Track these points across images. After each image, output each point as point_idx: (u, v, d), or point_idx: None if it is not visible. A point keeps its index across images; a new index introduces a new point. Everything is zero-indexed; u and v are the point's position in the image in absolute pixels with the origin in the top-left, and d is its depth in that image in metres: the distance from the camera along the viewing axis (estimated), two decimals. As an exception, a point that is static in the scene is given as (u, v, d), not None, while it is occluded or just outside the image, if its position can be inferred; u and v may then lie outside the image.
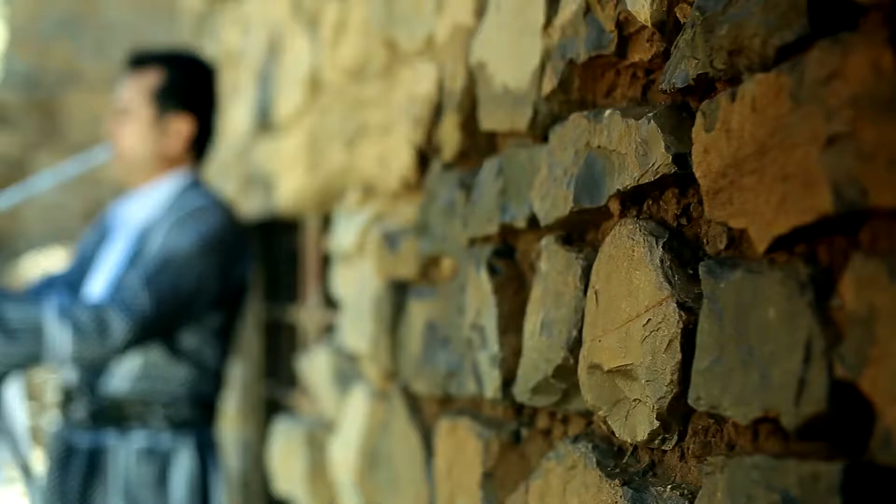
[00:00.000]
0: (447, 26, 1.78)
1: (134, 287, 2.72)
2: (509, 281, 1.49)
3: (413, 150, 1.94)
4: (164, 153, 2.94)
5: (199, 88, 3.05)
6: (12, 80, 11.79)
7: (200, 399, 2.96)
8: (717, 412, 0.98)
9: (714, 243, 1.05)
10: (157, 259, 2.77)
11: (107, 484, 2.87)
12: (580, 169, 1.25)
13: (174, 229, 2.85)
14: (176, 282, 2.76)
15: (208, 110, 3.06)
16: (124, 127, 2.95)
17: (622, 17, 1.20)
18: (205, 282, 2.84)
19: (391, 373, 2.02)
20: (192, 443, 2.93)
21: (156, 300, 2.72)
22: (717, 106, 0.99)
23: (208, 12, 4.68)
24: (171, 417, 2.90)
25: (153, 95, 2.94)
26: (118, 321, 2.67)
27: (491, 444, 1.48)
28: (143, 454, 2.88)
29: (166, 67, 2.98)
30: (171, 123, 2.93)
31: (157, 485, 2.87)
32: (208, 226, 2.85)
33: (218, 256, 2.87)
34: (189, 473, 2.90)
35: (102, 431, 2.87)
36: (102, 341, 2.67)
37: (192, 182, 2.98)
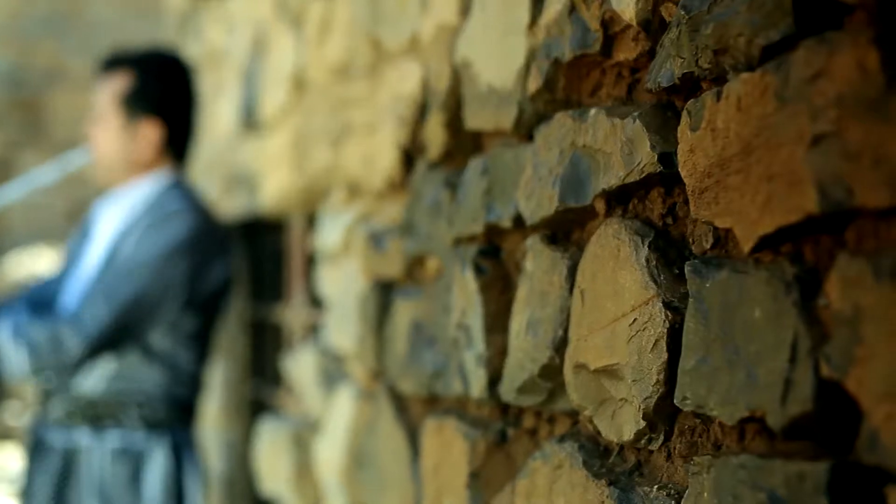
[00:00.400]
0: (432, 25, 1.78)
1: (93, 299, 2.74)
2: (495, 280, 1.48)
3: (398, 149, 1.93)
4: (134, 158, 2.92)
5: (170, 91, 3.02)
6: (-4, 79, 11.73)
7: (175, 400, 2.95)
8: (703, 412, 0.98)
9: (700, 243, 1.04)
10: (119, 268, 2.78)
11: (80, 483, 2.87)
12: (565, 168, 1.25)
13: (144, 235, 2.84)
14: (137, 291, 2.76)
15: (181, 112, 3.02)
16: (97, 132, 2.95)
17: (607, 16, 1.20)
18: (171, 288, 2.82)
19: (377, 372, 2.02)
20: (166, 443, 2.92)
21: (114, 311, 2.73)
22: (703, 105, 0.99)
23: (192, 11, 4.67)
24: (146, 418, 2.90)
25: (122, 100, 2.92)
26: (72, 336, 2.70)
27: (477, 443, 1.48)
28: (116, 454, 2.88)
29: (135, 70, 2.95)
30: (140, 129, 2.91)
31: (131, 485, 2.87)
32: (177, 230, 2.84)
33: (187, 261, 2.85)
34: (163, 474, 2.90)
35: (77, 430, 2.88)
36: (58, 357, 2.71)
37: (172, 184, 2.96)
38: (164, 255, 2.79)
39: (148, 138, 2.91)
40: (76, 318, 2.72)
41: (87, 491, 2.86)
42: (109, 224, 3.00)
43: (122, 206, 2.96)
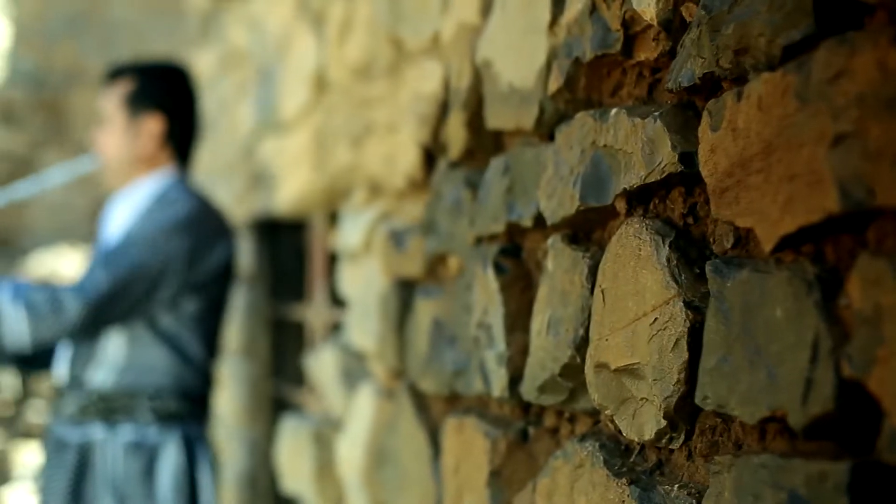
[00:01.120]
0: (453, 25, 1.78)
1: (92, 267, 2.79)
2: (516, 280, 1.49)
3: (419, 148, 1.94)
4: (139, 154, 3.01)
5: (168, 88, 3.14)
6: (18, 79, 11.82)
7: (186, 392, 2.98)
8: (724, 411, 0.98)
9: (721, 242, 1.04)
10: (119, 241, 2.84)
11: (95, 478, 2.90)
12: (586, 168, 1.25)
13: (145, 216, 2.92)
14: (136, 261, 2.82)
15: (181, 108, 3.12)
16: (104, 135, 3.05)
17: (628, 15, 1.20)
18: (171, 262, 2.88)
19: (398, 371, 2.02)
20: (178, 437, 2.95)
21: (112, 278, 2.78)
22: (724, 105, 0.99)
23: (214, 11, 4.69)
24: (158, 410, 2.93)
25: (125, 101, 3.05)
26: (72, 300, 2.74)
27: (498, 442, 1.48)
28: (130, 448, 2.91)
29: (137, 74, 3.10)
30: (143, 124, 3.01)
31: (144, 478, 2.90)
32: (178, 210, 2.92)
33: (187, 238, 2.91)
34: (175, 467, 2.93)
35: (91, 425, 2.91)
36: (57, 319, 2.74)
37: (175, 181, 3.03)
38: (163, 230, 2.87)
39: (150, 132, 3.01)
40: (77, 283, 2.77)
41: (101, 485, 2.89)
42: (116, 221, 3.06)
43: (127, 203, 3.02)
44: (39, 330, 2.76)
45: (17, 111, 11.72)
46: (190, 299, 2.94)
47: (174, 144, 3.07)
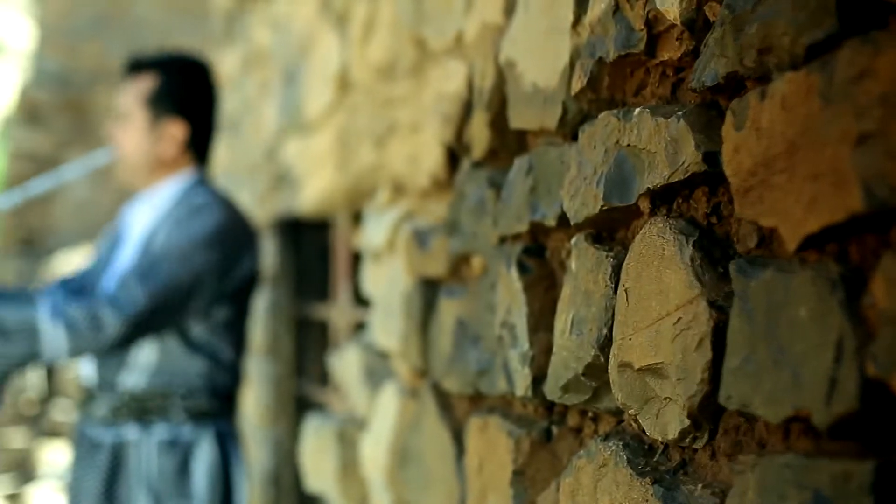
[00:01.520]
0: (476, 25, 1.78)
1: (128, 282, 2.79)
2: (539, 279, 1.49)
3: (443, 148, 1.94)
4: (160, 157, 3.01)
5: (193, 91, 3.11)
6: (44, 80, 11.88)
7: (217, 390, 3.00)
8: (748, 411, 0.98)
9: (744, 242, 1.04)
10: (153, 255, 2.84)
11: (130, 477, 2.91)
12: (610, 167, 1.25)
13: (174, 227, 2.91)
14: (171, 276, 2.82)
15: (203, 112, 3.11)
16: (123, 131, 3.03)
17: (651, 15, 1.20)
18: (203, 276, 2.89)
19: (422, 370, 2.03)
20: (212, 434, 2.97)
21: (149, 294, 2.78)
22: (747, 104, 0.99)
23: (238, 11, 4.70)
24: (191, 409, 2.94)
25: (147, 100, 3.01)
26: (110, 316, 2.74)
27: (522, 441, 1.49)
28: (164, 446, 2.92)
29: (160, 72, 3.05)
30: (165, 128, 2.99)
31: (179, 476, 2.91)
32: (207, 221, 2.91)
33: (218, 251, 2.92)
34: (210, 464, 2.94)
35: (124, 426, 2.91)
36: (96, 336, 2.74)
37: (195, 181, 3.04)
38: (194, 244, 2.87)
39: (173, 137, 3.00)
40: (114, 298, 2.77)
41: (136, 484, 2.90)
42: (139, 224, 3.07)
43: (150, 205, 3.03)
44: (78, 346, 2.77)
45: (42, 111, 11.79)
46: (220, 308, 2.96)
47: (195, 147, 3.08)
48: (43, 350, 2.73)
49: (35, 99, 11.77)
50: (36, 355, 2.74)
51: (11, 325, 2.71)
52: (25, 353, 2.73)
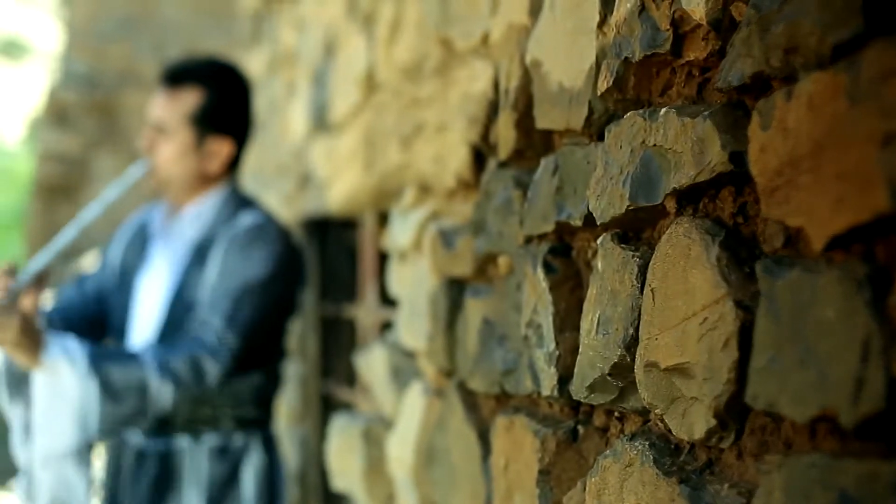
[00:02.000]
0: (502, 25, 1.79)
1: (218, 327, 2.80)
2: (566, 279, 1.49)
3: (469, 148, 1.95)
4: (204, 174, 2.99)
5: (238, 110, 3.08)
6: (72, 81, 11.95)
7: (264, 398, 3.02)
8: (774, 411, 0.98)
9: (771, 242, 1.04)
10: (234, 292, 2.84)
11: (181, 485, 2.90)
12: (636, 167, 1.25)
13: (239, 253, 2.90)
14: (256, 313, 2.85)
15: (247, 129, 3.10)
16: (163, 146, 2.98)
17: (677, 15, 1.20)
18: (282, 305, 2.92)
19: (448, 370, 2.03)
20: (259, 440, 2.98)
21: (241, 336, 2.81)
22: (774, 104, 0.99)
23: (266, 12, 4.72)
24: (239, 418, 2.95)
25: (192, 118, 2.96)
26: (211, 365, 2.76)
27: (547, 441, 1.49)
28: (215, 453, 2.93)
29: (205, 87, 2.99)
30: (211, 146, 2.97)
31: (230, 483, 2.92)
32: (274, 248, 2.92)
33: (289, 276, 2.95)
34: (258, 470, 2.95)
35: (173, 436, 2.91)
36: (199, 387, 2.77)
37: (231, 190, 3.04)
38: (269, 274, 2.89)
39: (218, 156, 2.98)
40: (211, 347, 2.80)
41: (188, 492, 2.90)
42: (181, 239, 3.05)
43: (192, 221, 3.02)
44: (182, 399, 2.79)
45: (70, 113, 11.86)
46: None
47: (236, 162, 3.09)
48: (150, 408, 2.75)
49: (63, 100, 11.84)
50: (143, 413, 2.76)
51: (121, 387, 2.72)
52: (133, 413, 2.75)
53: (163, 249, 3.09)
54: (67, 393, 2.69)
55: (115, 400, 2.71)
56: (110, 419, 2.73)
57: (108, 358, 2.75)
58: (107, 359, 2.74)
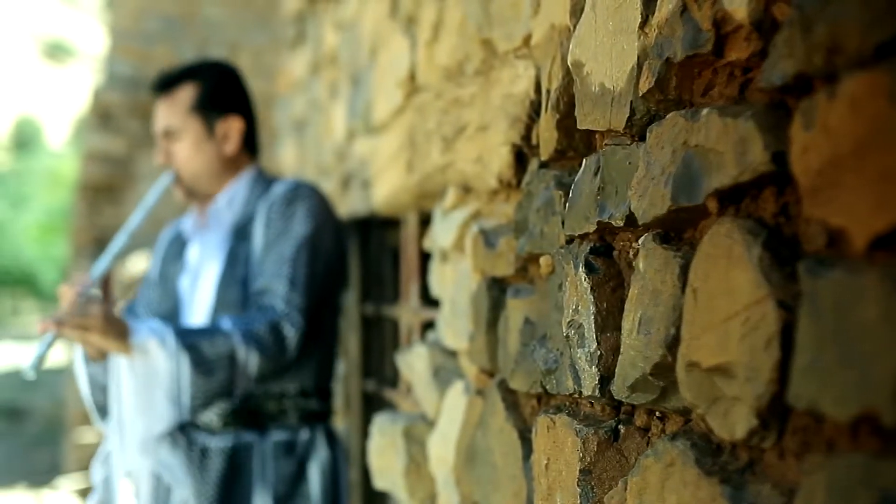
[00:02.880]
0: (544, 26, 1.79)
1: (282, 291, 2.84)
2: (607, 279, 1.49)
3: (510, 149, 1.95)
4: (226, 156, 3.05)
5: (234, 88, 3.16)
6: (115, 83, 12.06)
7: (324, 390, 3.04)
8: (816, 411, 0.98)
9: (813, 242, 1.04)
10: (288, 254, 2.89)
11: (247, 481, 2.92)
12: (678, 167, 1.26)
13: (280, 217, 2.95)
14: (312, 267, 2.89)
15: (248, 105, 3.16)
16: (178, 146, 3.04)
17: (719, 15, 1.20)
18: (329, 258, 2.95)
19: (489, 370, 2.04)
20: (324, 435, 3.01)
21: (305, 294, 2.85)
22: (816, 104, 0.99)
23: (308, 13, 4.74)
24: (303, 410, 2.98)
25: (195, 108, 3.03)
26: (288, 327, 2.80)
27: (589, 440, 1.49)
28: (282, 448, 2.95)
29: (194, 80, 3.08)
30: (222, 127, 3.03)
31: (297, 478, 2.94)
32: (311, 203, 2.98)
33: (332, 228, 3.00)
34: (324, 466, 2.98)
35: (238, 431, 2.93)
36: (282, 353, 2.80)
37: (258, 171, 3.10)
38: (315, 227, 2.94)
39: (231, 135, 3.04)
40: (282, 311, 2.83)
41: (254, 488, 2.92)
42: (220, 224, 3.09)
43: (227, 204, 3.07)
44: (267, 367, 2.82)
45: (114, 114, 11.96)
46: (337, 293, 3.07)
47: (249, 142, 3.14)
48: (239, 378, 2.79)
49: (107, 102, 11.94)
50: (232, 383, 2.79)
51: (212, 359, 2.76)
52: (223, 384, 2.78)
53: (202, 245, 3.13)
54: (160, 372, 2.73)
55: (207, 373, 2.75)
56: (203, 393, 2.76)
57: (194, 333, 2.80)
58: (193, 334, 2.79)
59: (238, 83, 3.17)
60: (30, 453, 11.72)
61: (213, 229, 3.10)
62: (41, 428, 13.38)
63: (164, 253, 3.26)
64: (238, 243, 3.00)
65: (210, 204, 3.12)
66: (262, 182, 3.09)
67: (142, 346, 2.69)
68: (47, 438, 12.45)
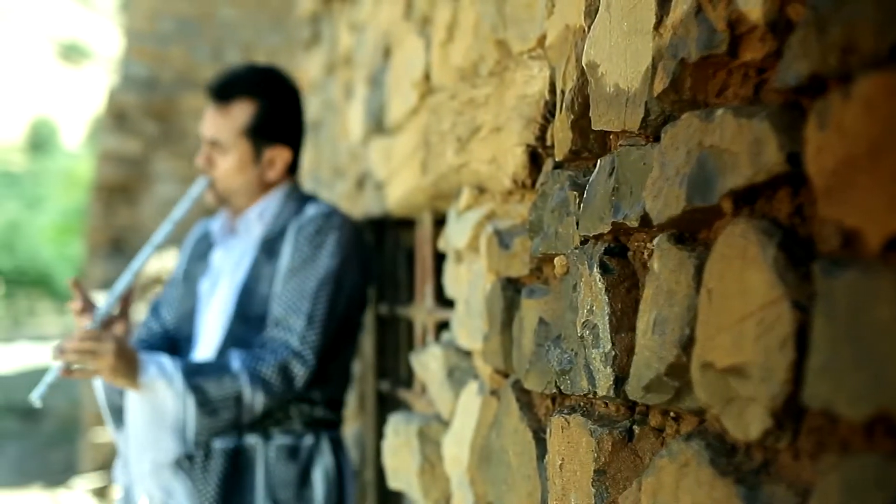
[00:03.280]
0: (558, 27, 1.79)
1: (299, 328, 2.84)
2: (622, 279, 1.50)
3: (525, 149, 1.96)
4: (265, 182, 3.05)
5: (291, 117, 3.12)
6: (131, 84, 12.09)
7: (333, 399, 3.04)
8: (830, 411, 0.98)
9: (828, 242, 1.04)
10: (310, 290, 2.88)
11: (249, 483, 2.93)
12: (692, 168, 1.26)
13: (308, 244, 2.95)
14: (332, 305, 2.89)
15: (300, 135, 3.15)
16: (221, 161, 3.04)
17: (734, 16, 1.20)
18: (353, 293, 2.95)
19: (503, 370, 2.04)
20: (328, 441, 3.01)
21: (322, 333, 2.85)
22: (830, 105, 0.99)
23: (325, 13, 4.75)
24: (309, 418, 2.98)
25: (247, 132, 3.01)
26: (298, 368, 2.81)
27: (603, 441, 1.50)
28: (285, 453, 2.95)
29: (255, 100, 3.04)
30: (269, 156, 3.02)
31: (300, 484, 2.95)
32: (340, 235, 2.97)
33: (358, 263, 2.99)
34: (327, 472, 2.98)
35: (243, 435, 2.94)
36: (288, 390, 2.81)
37: (293, 186, 3.09)
38: (341, 262, 2.94)
39: (276, 164, 3.04)
40: (296, 350, 2.84)
41: (256, 491, 2.93)
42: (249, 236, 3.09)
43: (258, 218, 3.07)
44: (271, 404, 2.84)
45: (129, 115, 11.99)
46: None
47: (292, 167, 3.14)
48: (244, 416, 2.80)
49: (122, 103, 11.98)
50: (237, 421, 2.81)
51: (217, 400, 2.78)
52: (228, 422, 2.81)
53: (227, 251, 3.13)
54: (167, 410, 2.77)
55: (212, 413, 2.77)
56: (207, 431, 2.79)
57: (202, 373, 2.81)
58: (201, 374, 2.80)
59: (295, 107, 3.14)
60: (46, 453, 11.77)
61: (240, 238, 3.10)
62: (57, 428, 13.44)
63: (190, 251, 3.27)
64: (264, 257, 3.00)
65: (241, 213, 3.12)
66: (296, 198, 3.09)
67: (150, 384, 2.73)
68: (63, 438, 12.50)
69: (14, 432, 13.29)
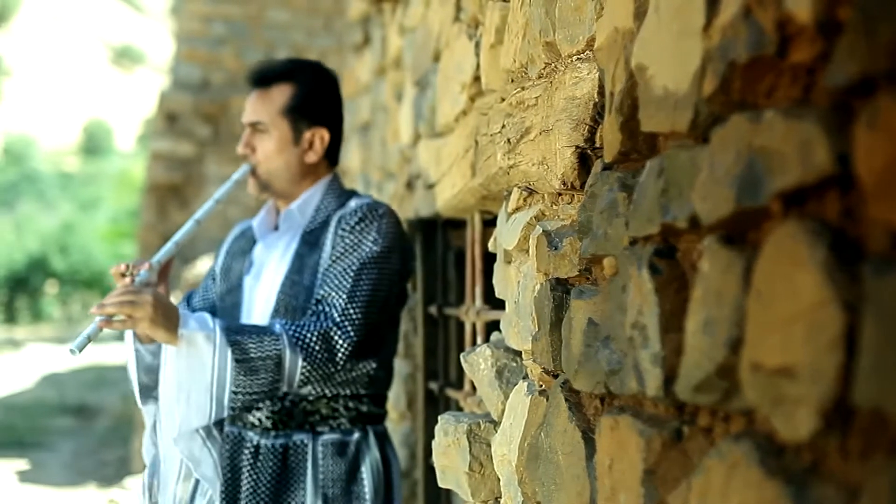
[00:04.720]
0: (607, 30, 1.80)
1: (341, 302, 2.85)
2: (671, 280, 1.50)
3: (574, 151, 1.96)
4: (305, 164, 3.08)
5: (329, 98, 3.17)
6: (182, 86, 12.20)
7: (378, 393, 3.05)
8: (880, 412, 0.98)
9: (877, 243, 1.04)
10: (353, 269, 2.90)
11: (299, 481, 2.94)
12: (741, 169, 1.26)
13: (351, 231, 2.97)
14: (374, 286, 2.90)
15: (339, 118, 3.18)
16: (262, 143, 3.08)
17: (782, 17, 1.21)
18: (394, 280, 2.97)
19: (552, 370, 2.05)
20: (375, 436, 3.02)
21: (363, 310, 2.85)
22: (880, 105, 0.99)
23: (374, 16, 4.77)
24: (355, 413, 2.99)
25: (286, 112, 3.06)
26: (340, 338, 2.80)
27: (652, 441, 1.50)
28: (334, 449, 2.96)
29: (294, 83, 3.10)
30: (308, 136, 3.06)
31: (348, 479, 2.96)
32: (384, 223, 2.98)
33: (401, 251, 3.01)
34: (375, 467, 2.99)
35: (290, 432, 2.95)
36: (330, 360, 2.81)
37: (334, 178, 3.12)
38: (384, 248, 2.95)
39: (316, 145, 3.07)
40: (339, 322, 2.84)
41: (306, 488, 2.94)
42: (291, 228, 3.12)
43: (300, 209, 3.10)
44: (313, 375, 2.84)
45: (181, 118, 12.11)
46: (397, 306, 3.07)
47: (331, 154, 3.17)
48: (283, 381, 2.80)
49: (174, 105, 12.09)
50: (276, 385, 2.81)
51: (257, 359, 2.78)
52: (267, 385, 2.80)
53: (269, 245, 3.16)
54: (205, 364, 2.74)
55: (251, 372, 2.76)
56: (244, 392, 2.77)
57: (243, 331, 2.82)
58: (242, 332, 2.81)
59: (334, 92, 3.19)
60: (100, 452, 11.90)
61: (283, 231, 3.13)
62: (111, 426, 13.58)
63: (229, 247, 3.29)
64: (307, 250, 3.02)
65: (283, 206, 3.15)
66: (337, 192, 3.12)
67: (189, 337, 2.71)
68: (117, 436, 12.62)
69: (69, 431, 13.44)
